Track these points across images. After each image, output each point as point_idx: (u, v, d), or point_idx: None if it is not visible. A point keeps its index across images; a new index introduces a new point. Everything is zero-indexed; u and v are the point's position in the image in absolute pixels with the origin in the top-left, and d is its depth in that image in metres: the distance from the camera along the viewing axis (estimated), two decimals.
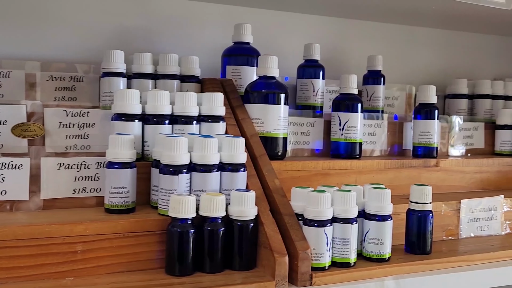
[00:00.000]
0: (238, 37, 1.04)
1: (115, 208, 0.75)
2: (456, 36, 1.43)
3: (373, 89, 1.19)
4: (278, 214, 0.77)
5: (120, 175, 0.75)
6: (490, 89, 1.33)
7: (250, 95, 0.93)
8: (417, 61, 1.39)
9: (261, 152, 0.86)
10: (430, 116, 1.10)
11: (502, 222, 1.01)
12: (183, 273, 0.70)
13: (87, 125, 0.84)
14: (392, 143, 1.15)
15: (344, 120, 1.02)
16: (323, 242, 0.75)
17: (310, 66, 1.12)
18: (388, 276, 0.78)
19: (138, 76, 0.95)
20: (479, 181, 1.13)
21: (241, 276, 0.72)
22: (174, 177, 0.74)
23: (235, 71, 1.02)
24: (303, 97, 1.11)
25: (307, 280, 0.72)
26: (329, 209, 0.75)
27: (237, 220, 0.73)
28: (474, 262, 0.87)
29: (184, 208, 0.70)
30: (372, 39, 1.33)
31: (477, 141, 1.25)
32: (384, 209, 0.80)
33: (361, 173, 1.00)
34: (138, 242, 0.72)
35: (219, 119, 0.86)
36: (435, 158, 1.09)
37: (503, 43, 1.50)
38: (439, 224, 0.95)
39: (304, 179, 0.94)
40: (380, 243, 0.80)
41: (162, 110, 0.82)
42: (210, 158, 0.75)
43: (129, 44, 1.05)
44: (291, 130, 1.02)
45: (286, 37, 1.22)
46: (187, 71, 0.98)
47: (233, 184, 0.77)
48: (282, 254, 0.71)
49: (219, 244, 0.72)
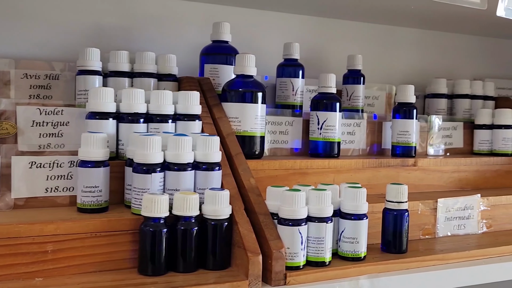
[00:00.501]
0: (216, 36, 1.04)
1: (87, 207, 0.74)
2: (435, 36, 1.44)
3: (353, 89, 1.19)
4: (253, 213, 0.77)
5: (93, 174, 0.74)
6: (469, 89, 1.33)
7: (227, 94, 0.93)
8: (397, 61, 1.40)
9: (237, 151, 0.85)
10: (409, 116, 1.11)
11: (479, 221, 1.02)
12: (156, 273, 0.70)
13: (61, 124, 0.83)
14: (372, 142, 1.15)
15: (322, 119, 1.02)
16: (298, 241, 0.74)
17: (290, 65, 1.12)
18: (363, 275, 0.78)
19: (114, 74, 0.94)
20: (457, 180, 1.14)
21: (215, 275, 0.71)
22: (147, 176, 0.73)
23: (213, 69, 1.02)
24: (282, 96, 1.11)
25: (281, 280, 0.72)
26: (304, 208, 0.75)
27: (211, 219, 0.73)
28: (449, 261, 0.87)
29: (157, 207, 0.69)
30: (352, 38, 1.33)
31: (456, 140, 1.25)
32: (359, 208, 0.80)
33: (339, 172, 1.00)
34: (111, 242, 0.71)
35: (195, 117, 0.85)
36: (414, 158, 1.10)
37: (482, 44, 1.51)
38: (416, 223, 0.96)
39: (282, 179, 0.93)
40: (355, 242, 0.80)
41: (137, 108, 0.81)
42: (184, 157, 0.75)
43: (106, 42, 1.04)
44: (270, 129, 1.02)
45: (265, 36, 1.22)
46: (164, 70, 0.97)
47: (208, 183, 0.77)
48: (255, 253, 0.71)
49: (192, 244, 0.72)
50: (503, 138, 1.22)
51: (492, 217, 1.04)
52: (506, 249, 0.93)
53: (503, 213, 1.05)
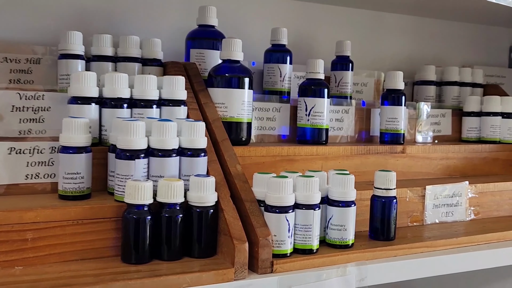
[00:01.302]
0: (202, 20, 1.01)
1: (69, 194, 0.72)
2: (425, 23, 1.43)
3: (341, 75, 1.17)
4: (239, 200, 0.75)
5: (74, 160, 0.72)
6: (458, 76, 1.33)
7: (214, 79, 0.91)
8: (386, 47, 1.38)
9: (223, 137, 0.84)
10: (397, 103, 1.10)
11: (467, 208, 1.02)
12: (139, 261, 0.68)
13: (42, 109, 0.81)
14: (360, 129, 1.14)
15: (310, 105, 1.00)
16: (285, 229, 0.73)
17: (277, 51, 1.10)
18: (351, 262, 0.77)
19: (97, 58, 0.91)
20: (445, 167, 1.14)
21: (200, 263, 0.70)
22: (130, 162, 0.71)
23: (199, 54, 1.00)
24: (270, 82, 1.09)
25: (268, 267, 0.71)
26: (291, 195, 0.74)
27: (196, 207, 0.71)
28: (437, 248, 0.86)
29: (141, 194, 0.67)
30: (341, 24, 1.31)
31: (444, 128, 1.25)
32: (347, 195, 0.79)
33: (327, 159, 0.99)
34: (93, 230, 0.69)
35: (180, 103, 0.84)
36: (402, 145, 1.09)
37: (471, 31, 1.50)
38: (404, 210, 0.95)
39: (269, 165, 0.92)
40: (343, 229, 0.79)
41: (120, 93, 0.79)
42: (169, 143, 0.73)
43: (90, 26, 1.02)
44: (257, 115, 1.01)
45: (253, 21, 1.20)
46: (149, 54, 0.95)
47: (193, 169, 0.75)
48: (241, 241, 0.69)
49: (177, 231, 0.70)
50: (491, 126, 1.22)
51: (480, 204, 1.03)
52: (494, 236, 0.93)
53: (490, 200, 1.05)
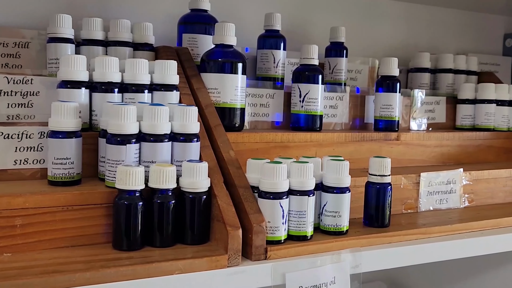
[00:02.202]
0: (195, 4, 1.00)
1: (58, 180, 0.71)
2: (419, 10, 1.42)
3: (335, 62, 1.16)
4: (232, 186, 0.74)
5: (64, 145, 0.70)
6: (452, 64, 1.32)
7: (206, 64, 0.90)
8: (380, 34, 1.37)
9: (216, 123, 0.82)
10: (392, 89, 1.09)
11: (461, 195, 1.01)
12: (131, 247, 0.67)
13: (31, 93, 0.79)
14: (354, 116, 1.13)
15: (304, 91, 0.99)
16: (279, 215, 0.72)
17: (271, 37, 1.08)
18: (345, 249, 0.76)
19: (87, 42, 0.90)
20: (440, 155, 1.13)
21: (193, 250, 0.69)
22: (121, 147, 0.70)
23: (191, 39, 0.98)
24: (263, 68, 1.08)
25: (262, 254, 0.70)
26: (285, 181, 0.73)
27: (189, 193, 0.70)
28: (431, 235, 0.86)
29: (132, 180, 0.66)
30: (335, 10, 1.30)
31: (439, 115, 1.24)
32: (342, 181, 0.78)
33: (321, 146, 0.98)
34: (83, 216, 0.68)
35: (172, 88, 0.82)
36: (396, 132, 1.08)
37: (466, 18, 1.49)
38: (399, 198, 0.94)
39: (263, 152, 0.91)
40: (337, 216, 0.78)
41: (111, 77, 0.77)
42: (160, 128, 0.71)
43: (80, 9, 1.00)
44: (250, 101, 0.99)
45: (246, 6, 1.18)
46: (140, 39, 0.93)
47: (186, 155, 0.74)
48: (235, 227, 0.68)
49: (169, 217, 0.69)
50: (485, 113, 1.21)
51: (474, 191, 1.03)
52: (488, 223, 0.92)
53: (485, 187, 1.05)
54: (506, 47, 1.55)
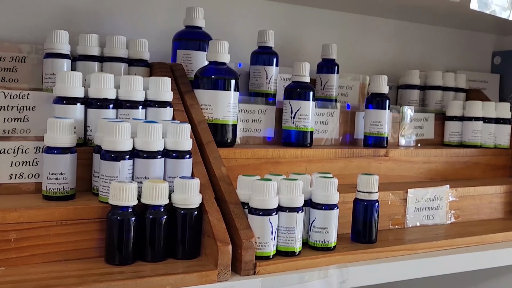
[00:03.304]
0: (189, 21, 1.02)
1: (53, 195, 0.72)
2: (410, 27, 1.44)
3: (327, 78, 1.19)
4: (223, 202, 0.76)
5: (59, 160, 0.72)
6: (441, 81, 1.34)
7: (200, 81, 0.92)
8: (371, 51, 1.40)
9: (208, 139, 0.84)
10: (381, 106, 1.11)
11: (447, 211, 1.03)
12: (123, 262, 0.69)
13: (27, 108, 0.81)
14: (344, 132, 1.15)
15: (295, 108, 1.01)
16: (268, 231, 0.74)
17: (264, 53, 1.11)
18: (333, 265, 0.78)
19: (83, 58, 0.91)
20: (427, 171, 1.15)
21: (184, 265, 0.70)
22: (115, 163, 0.71)
23: (185, 55, 1.00)
24: (256, 84, 1.10)
25: (251, 269, 0.72)
26: (275, 198, 0.75)
27: (181, 208, 0.72)
28: (418, 251, 0.88)
29: (125, 196, 0.68)
30: (327, 27, 1.32)
31: (427, 131, 1.27)
32: (330, 198, 0.80)
33: (311, 161, 1.00)
34: (77, 230, 0.70)
35: (166, 104, 0.84)
36: (385, 148, 1.10)
37: (455, 36, 1.52)
38: (386, 213, 0.96)
39: (254, 167, 0.93)
40: (325, 232, 0.80)
41: (106, 94, 0.79)
42: (154, 144, 0.73)
43: (76, 25, 1.01)
44: (242, 117, 1.01)
45: (240, 23, 1.21)
46: (135, 55, 0.95)
47: (178, 171, 0.75)
48: (225, 243, 0.70)
49: (161, 233, 0.70)
50: (472, 130, 1.24)
51: (460, 207, 1.05)
52: (473, 239, 0.95)
53: (471, 204, 1.07)
54: (495, 64, 1.58)
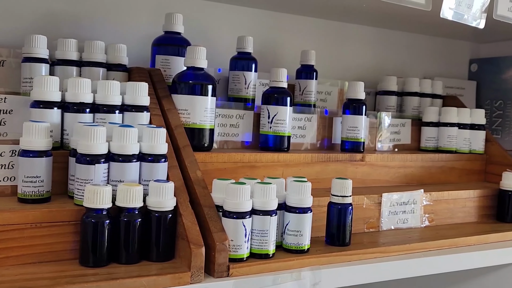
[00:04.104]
0: (168, 27, 1.03)
1: (28, 197, 0.73)
2: (388, 35, 1.47)
3: (305, 83, 1.20)
4: (198, 205, 0.77)
5: (34, 164, 0.73)
6: (418, 87, 1.37)
7: (177, 86, 0.93)
8: (350, 57, 1.42)
9: (184, 143, 0.85)
10: (358, 112, 1.13)
11: (421, 215, 1.06)
12: (97, 264, 0.69)
13: (4, 112, 0.82)
14: (322, 137, 1.17)
15: (273, 113, 1.03)
16: (242, 234, 0.75)
17: (243, 59, 1.12)
18: (306, 267, 0.80)
19: (62, 62, 0.92)
20: (403, 175, 1.17)
21: (157, 267, 0.71)
22: (90, 166, 0.72)
23: (164, 61, 1.01)
24: (235, 89, 1.12)
25: (224, 271, 0.73)
26: (248, 201, 0.76)
27: (155, 211, 0.73)
28: (390, 254, 0.90)
29: (99, 198, 0.69)
30: (307, 34, 1.34)
31: (404, 137, 1.29)
32: (304, 202, 0.82)
33: (288, 166, 1.01)
34: (51, 233, 0.70)
35: (143, 109, 0.85)
36: (362, 153, 1.12)
37: (433, 43, 1.55)
38: (361, 217, 0.98)
39: (230, 171, 0.94)
40: (299, 235, 0.82)
41: (83, 98, 0.80)
42: (129, 148, 0.74)
43: (55, 30, 1.02)
44: (221, 122, 1.02)
45: (220, 29, 1.22)
46: (114, 59, 0.96)
47: (153, 175, 0.77)
48: (198, 246, 0.71)
49: (135, 235, 0.71)
50: (448, 136, 1.27)
51: (434, 211, 1.07)
52: (445, 242, 0.97)
53: (444, 208, 1.09)
54: (471, 71, 1.62)
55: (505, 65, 1.53)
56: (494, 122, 1.54)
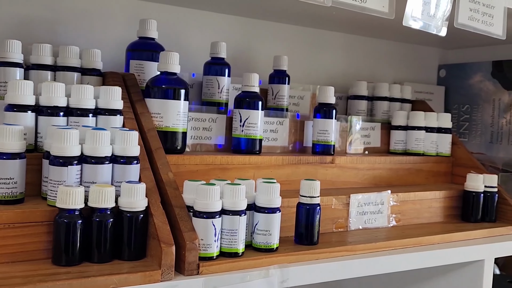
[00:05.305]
0: (143, 32, 1.05)
1: (1, 199, 0.75)
2: (358, 41, 1.51)
3: (278, 88, 1.24)
4: (169, 206, 0.80)
5: (8, 166, 0.74)
6: (388, 92, 1.41)
7: (151, 90, 0.95)
8: (322, 63, 1.46)
9: (157, 146, 0.88)
10: (328, 116, 1.16)
11: (389, 215, 1.09)
12: (69, 263, 0.71)
13: None
14: (294, 140, 1.20)
15: (244, 117, 1.06)
16: (211, 233, 0.78)
17: (216, 64, 1.15)
18: (274, 265, 0.83)
19: (36, 67, 0.94)
20: (372, 177, 1.21)
21: (129, 265, 0.74)
22: (63, 168, 0.74)
23: (138, 66, 1.03)
24: (208, 94, 1.14)
25: (194, 270, 0.75)
26: (218, 202, 0.79)
27: (127, 212, 0.75)
28: (356, 252, 0.93)
29: (72, 199, 0.71)
30: (280, 40, 1.38)
31: (374, 140, 1.33)
32: (272, 202, 0.85)
33: (259, 168, 1.04)
34: (24, 233, 0.72)
35: (116, 112, 0.87)
36: (332, 155, 1.16)
37: (403, 49, 1.60)
38: (330, 217, 1.02)
39: (203, 173, 0.96)
40: (268, 234, 0.85)
41: (57, 102, 0.82)
42: (101, 150, 0.76)
43: (30, 35, 1.04)
44: (194, 125, 1.05)
45: (194, 35, 1.25)
46: (88, 64, 0.98)
47: (125, 176, 0.79)
48: (169, 244, 0.73)
49: (107, 235, 0.74)
50: (415, 139, 1.31)
51: (401, 212, 1.11)
52: (409, 241, 1.00)
53: (411, 208, 1.13)
54: (440, 77, 1.67)
55: (472, 71, 1.58)
56: (461, 126, 1.59)
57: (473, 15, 0.98)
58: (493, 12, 1.01)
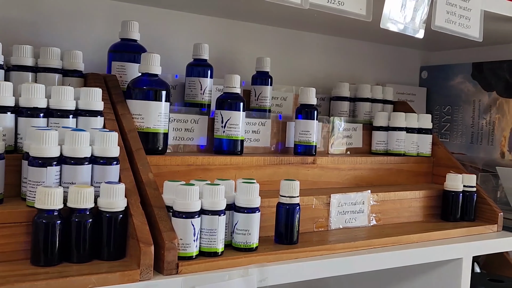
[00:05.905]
0: (124, 34, 1.06)
1: None
2: (341, 42, 1.53)
3: (260, 89, 1.25)
4: (149, 206, 0.80)
5: None
6: (370, 93, 1.43)
7: (132, 91, 0.96)
8: (305, 64, 1.47)
9: (137, 147, 0.88)
10: (310, 117, 1.17)
11: (369, 215, 1.11)
12: (48, 263, 0.72)
13: None
14: (277, 141, 1.21)
15: (226, 118, 1.07)
16: (190, 233, 0.79)
17: (199, 65, 1.16)
18: (253, 264, 0.83)
19: (17, 68, 0.94)
20: (353, 177, 1.22)
21: (108, 265, 0.74)
22: (42, 169, 0.75)
23: (120, 67, 1.04)
24: (190, 95, 1.15)
25: (173, 269, 0.76)
26: (197, 202, 0.79)
27: (106, 212, 0.76)
28: (336, 251, 0.94)
29: (51, 200, 0.71)
30: (262, 41, 1.39)
31: (356, 141, 1.34)
32: (252, 202, 0.86)
33: (241, 168, 1.05)
34: (3, 234, 0.72)
35: (97, 113, 0.88)
36: (313, 156, 1.17)
37: (385, 51, 1.62)
38: (310, 217, 1.03)
39: (184, 174, 0.97)
40: (247, 233, 0.85)
41: (37, 103, 0.83)
42: (81, 151, 0.77)
43: (12, 36, 1.04)
44: (175, 126, 1.06)
45: (177, 36, 1.26)
46: (70, 66, 0.98)
47: (105, 177, 0.79)
48: (147, 244, 0.74)
49: (86, 235, 0.74)
50: (396, 140, 1.33)
51: (381, 211, 1.13)
52: (389, 240, 1.02)
53: (391, 207, 1.15)
54: (422, 78, 1.69)
55: (453, 72, 1.60)
56: (443, 127, 1.61)
57: (450, 17, 1.00)
58: (469, 14, 1.03)
